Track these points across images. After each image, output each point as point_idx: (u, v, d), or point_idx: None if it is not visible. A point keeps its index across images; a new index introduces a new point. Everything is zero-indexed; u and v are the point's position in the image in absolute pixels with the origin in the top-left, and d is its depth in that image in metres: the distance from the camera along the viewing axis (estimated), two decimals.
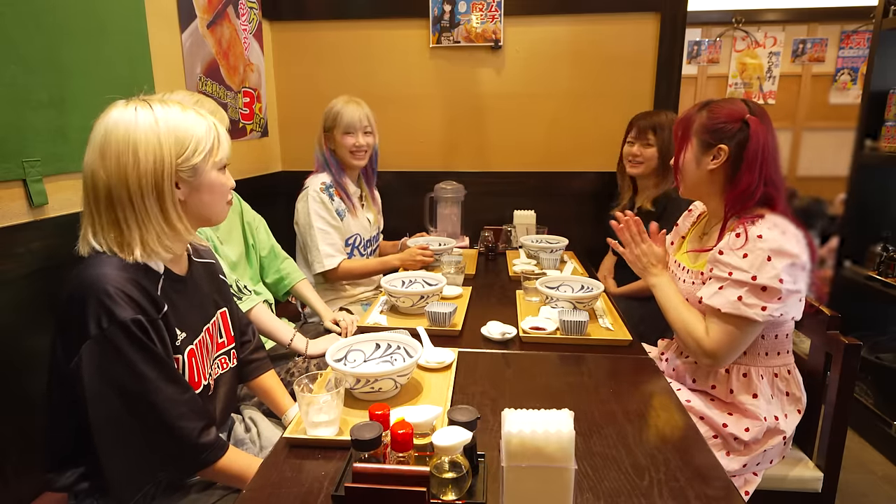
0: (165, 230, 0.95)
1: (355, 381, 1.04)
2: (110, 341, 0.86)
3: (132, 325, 0.87)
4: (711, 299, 1.20)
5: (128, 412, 0.89)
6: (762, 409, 1.26)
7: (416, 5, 2.46)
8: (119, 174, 0.90)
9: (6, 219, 1.15)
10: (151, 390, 0.90)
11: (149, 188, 0.91)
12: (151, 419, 0.91)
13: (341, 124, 1.94)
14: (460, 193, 2.43)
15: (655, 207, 2.00)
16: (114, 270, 0.90)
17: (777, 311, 1.15)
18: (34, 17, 1.20)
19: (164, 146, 0.91)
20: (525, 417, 0.70)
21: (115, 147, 0.90)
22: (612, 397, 1.12)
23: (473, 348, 1.35)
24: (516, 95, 2.55)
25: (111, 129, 0.91)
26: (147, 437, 0.92)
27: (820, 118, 4.16)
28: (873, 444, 2.23)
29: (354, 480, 0.68)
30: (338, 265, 1.94)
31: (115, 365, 0.88)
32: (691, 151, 1.30)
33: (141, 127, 0.91)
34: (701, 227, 1.43)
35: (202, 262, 1.15)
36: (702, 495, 0.82)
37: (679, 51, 2.43)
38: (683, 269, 1.38)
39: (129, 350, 0.88)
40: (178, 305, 1.00)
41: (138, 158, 0.90)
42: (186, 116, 0.95)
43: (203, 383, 1.04)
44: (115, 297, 0.87)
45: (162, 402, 0.91)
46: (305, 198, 1.96)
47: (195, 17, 1.85)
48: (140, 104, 0.94)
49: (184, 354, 1.00)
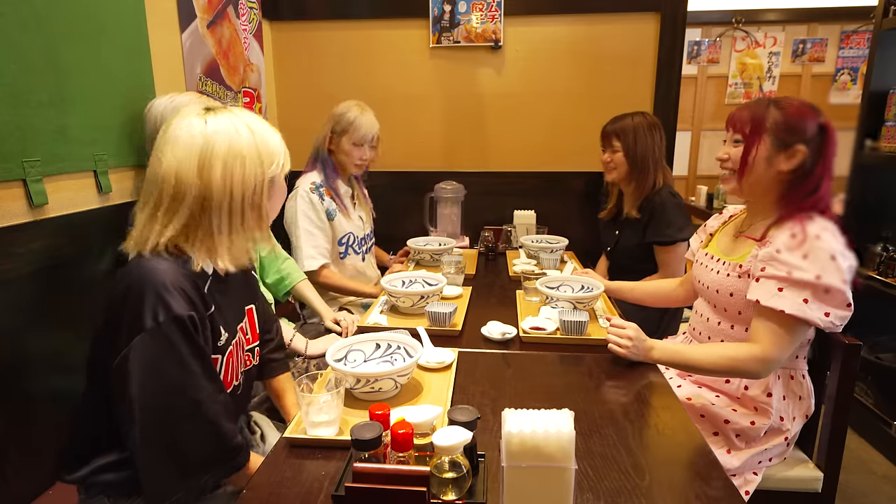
0: (255, 237, 0.99)
1: (355, 381, 1.04)
2: (165, 335, 0.87)
3: (187, 320, 0.88)
4: (772, 301, 1.15)
5: (173, 409, 0.89)
6: (773, 406, 1.26)
7: (416, 5, 2.47)
8: (223, 184, 0.92)
9: (6, 219, 1.15)
10: (197, 387, 0.91)
11: (249, 198, 0.95)
12: (195, 417, 0.91)
13: (354, 134, 1.95)
14: (460, 193, 2.43)
15: (641, 214, 2.00)
16: (169, 266, 0.91)
17: (839, 318, 1.13)
18: (34, 17, 1.20)
19: (264, 160, 0.96)
20: (525, 417, 0.70)
21: (219, 158, 0.92)
22: (612, 397, 1.12)
23: (473, 348, 1.35)
24: (516, 95, 2.55)
25: (212, 139, 0.92)
26: (189, 438, 0.91)
27: None
28: (873, 444, 2.23)
29: (354, 480, 0.68)
30: (318, 268, 1.94)
31: (168, 359, 0.88)
32: (763, 149, 1.23)
33: (242, 139, 0.94)
34: (734, 227, 1.40)
35: None
36: (702, 495, 0.82)
37: (679, 51, 2.43)
38: (717, 261, 1.35)
39: (181, 345, 0.88)
40: (222, 306, 1.02)
41: (245, 170, 0.93)
42: (271, 131, 1.00)
43: (234, 383, 1.05)
44: (172, 292, 0.88)
45: (205, 399, 0.92)
46: (294, 197, 1.96)
47: (195, 17, 1.85)
48: (229, 112, 0.96)
49: (224, 355, 1.00)
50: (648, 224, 1.97)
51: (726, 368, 1.21)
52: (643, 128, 1.98)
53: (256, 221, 0.98)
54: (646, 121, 2.00)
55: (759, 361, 1.17)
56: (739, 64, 4.28)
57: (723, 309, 1.33)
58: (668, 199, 1.95)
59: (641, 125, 1.99)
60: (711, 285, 1.34)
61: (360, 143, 1.96)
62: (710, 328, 1.37)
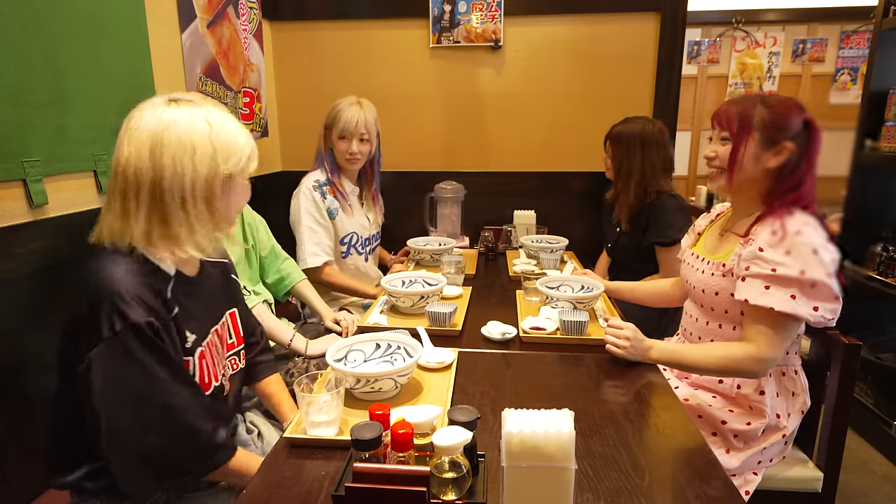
0: (210, 231, 0.98)
1: (355, 381, 1.04)
2: (123, 345, 0.86)
3: (145, 327, 0.88)
4: (760, 299, 1.15)
5: (141, 417, 0.89)
6: (767, 405, 1.26)
7: (416, 5, 2.46)
8: (172, 173, 0.91)
9: (6, 219, 1.15)
10: (166, 393, 0.90)
11: (201, 191, 0.94)
12: (165, 422, 0.91)
13: (337, 126, 1.93)
14: (460, 193, 2.43)
15: (634, 224, 2.00)
16: (126, 273, 0.90)
17: (829, 312, 1.13)
18: (34, 17, 1.20)
19: (219, 152, 0.95)
20: (525, 417, 0.70)
21: (170, 147, 0.91)
22: (612, 397, 1.12)
23: (473, 348, 1.35)
24: (516, 95, 2.55)
25: (165, 130, 0.92)
26: (161, 442, 0.91)
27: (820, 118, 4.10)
28: (873, 444, 2.23)
29: (354, 480, 0.68)
30: (321, 265, 1.93)
31: (128, 368, 0.87)
32: (752, 146, 1.23)
33: (197, 131, 0.93)
34: (720, 225, 1.40)
35: (213, 262, 1.15)
36: (702, 495, 0.82)
37: (679, 51, 2.43)
38: (702, 260, 1.36)
39: (141, 353, 0.88)
40: (189, 307, 1.01)
41: (195, 162, 0.92)
42: (235, 125, 0.99)
43: (215, 384, 1.05)
44: (127, 300, 0.87)
45: (178, 404, 0.91)
46: (298, 195, 1.96)
47: (195, 17, 1.85)
48: (189, 104, 0.95)
49: (194, 356, 1.00)
50: (647, 228, 1.97)
51: (724, 368, 1.21)
52: (637, 142, 1.96)
53: (209, 216, 0.96)
54: (645, 133, 1.96)
55: (755, 361, 1.17)
56: (739, 64, 4.28)
57: (710, 308, 1.33)
58: (669, 201, 1.94)
59: (636, 139, 1.96)
60: (697, 285, 1.35)
61: (344, 135, 1.93)
62: (701, 328, 1.37)
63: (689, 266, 1.41)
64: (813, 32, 4.21)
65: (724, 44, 4.30)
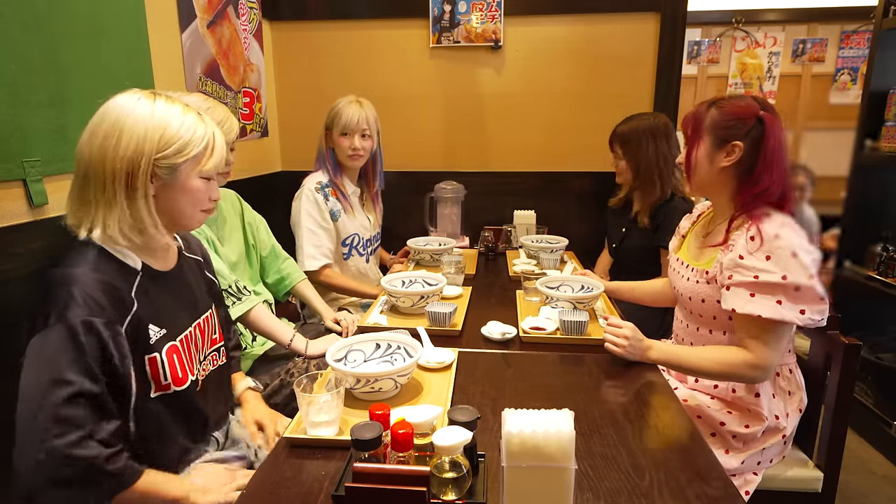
0: (127, 218, 0.95)
1: (355, 381, 1.04)
2: (50, 340, 0.85)
3: (80, 325, 0.85)
4: (748, 308, 1.15)
5: (37, 422, 0.82)
6: (764, 407, 1.26)
7: (416, 5, 2.46)
8: (99, 155, 0.92)
9: (6, 219, 1.15)
10: (68, 399, 0.83)
11: (121, 174, 0.92)
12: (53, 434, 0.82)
13: (339, 124, 1.94)
14: (460, 193, 2.43)
15: (652, 223, 2.00)
16: (86, 271, 0.90)
17: (816, 313, 1.13)
18: (34, 17, 1.19)
19: (148, 139, 0.93)
20: (525, 417, 0.70)
21: (103, 128, 0.92)
22: (612, 397, 1.12)
23: (473, 348, 1.35)
24: (516, 95, 2.55)
25: (107, 112, 0.93)
26: (45, 457, 0.82)
27: (820, 118, 4.16)
28: (873, 444, 2.23)
29: (354, 480, 0.68)
30: (319, 269, 1.94)
31: (45, 364, 0.84)
32: (703, 148, 1.27)
33: (134, 115, 0.93)
34: (703, 226, 1.41)
35: (192, 258, 1.16)
36: (702, 495, 0.82)
37: (679, 51, 2.43)
38: (687, 267, 1.37)
39: (63, 351, 0.84)
40: (158, 301, 1.00)
41: (119, 143, 0.92)
42: (184, 118, 0.96)
43: (190, 378, 1.04)
44: (76, 297, 0.87)
45: (69, 416, 0.83)
46: (300, 197, 1.96)
47: (195, 17, 1.85)
48: (147, 95, 0.96)
49: (161, 352, 0.98)
50: (658, 228, 1.97)
51: (722, 373, 1.22)
52: (648, 136, 1.95)
53: (127, 200, 0.93)
54: (652, 127, 1.96)
55: (753, 368, 1.18)
56: (739, 64, 4.28)
57: (698, 315, 1.34)
58: (680, 205, 1.95)
59: (646, 133, 1.95)
60: (685, 292, 1.35)
61: (346, 132, 1.94)
62: (692, 334, 1.38)
63: (675, 272, 1.42)
64: (813, 32, 4.21)
65: (724, 44, 4.30)
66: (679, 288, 1.38)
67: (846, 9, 4.05)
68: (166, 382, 1.00)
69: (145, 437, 0.97)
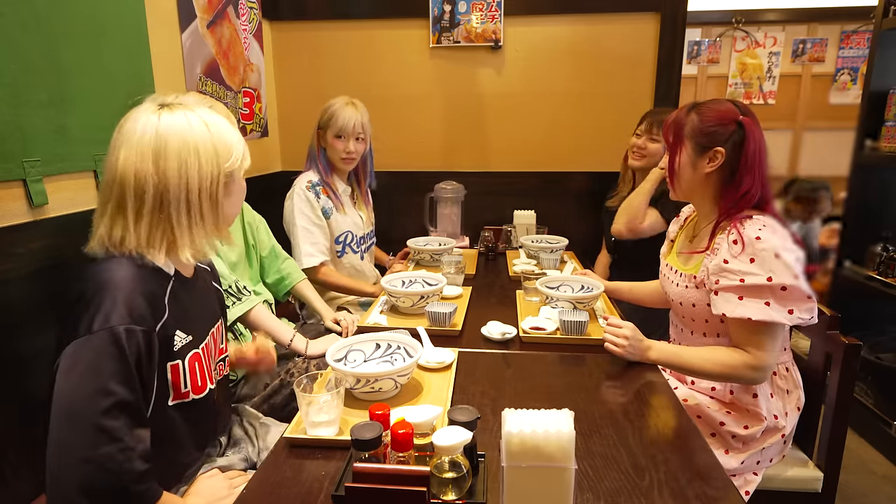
0: (215, 230, 0.99)
1: (355, 381, 1.04)
2: (94, 346, 0.83)
3: (124, 333, 0.84)
4: (738, 311, 1.16)
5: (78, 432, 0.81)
6: (762, 407, 1.26)
7: (416, 5, 2.47)
8: (178, 177, 0.92)
9: (6, 219, 1.15)
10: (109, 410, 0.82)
11: (206, 191, 0.95)
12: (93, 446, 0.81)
13: (334, 127, 1.94)
14: (460, 193, 2.43)
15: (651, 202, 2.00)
16: (126, 276, 0.89)
17: (805, 312, 1.14)
18: (34, 17, 1.19)
19: (219, 153, 0.96)
20: (525, 417, 0.70)
21: (174, 153, 0.92)
22: (612, 397, 1.12)
23: (473, 348, 1.35)
24: (516, 95, 2.55)
25: (165, 135, 0.92)
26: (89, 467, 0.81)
27: (820, 118, 4.16)
28: (873, 444, 2.23)
29: (354, 480, 0.68)
30: (318, 265, 1.94)
31: (88, 372, 0.82)
32: (686, 155, 1.28)
33: (194, 132, 0.94)
34: (690, 230, 1.42)
35: (203, 266, 1.15)
36: (702, 495, 0.82)
37: (679, 51, 2.43)
38: (675, 272, 1.37)
39: (107, 359, 0.83)
40: (187, 307, 1.00)
41: (200, 163, 0.93)
42: (228, 128, 1.00)
43: (209, 387, 1.04)
44: (119, 304, 0.86)
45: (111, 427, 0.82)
46: (292, 196, 1.96)
47: (195, 17, 1.85)
48: (183, 108, 0.96)
49: (184, 360, 0.98)
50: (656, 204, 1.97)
51: (723, 374, 1.22)
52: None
53: (213, 218, 0.97)
54: None
55: (752, 369, 1.18)
56: (739, 64, 4.28)
57: (691, 319, 1.34)
58: None
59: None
60: (675, 297, 1.35)
61: (341, 135, 1.94)
62: (686, 338, 1.38)
63: (665, 278, 1.42)
64: (813, 32, 4.21)
65: (724, 44, 4.30)
66: (670, 293, 1.38)
67: (846, 9, 4.05)
68: (185, 390, 0.98)
69: (154, 445, 0.93)
